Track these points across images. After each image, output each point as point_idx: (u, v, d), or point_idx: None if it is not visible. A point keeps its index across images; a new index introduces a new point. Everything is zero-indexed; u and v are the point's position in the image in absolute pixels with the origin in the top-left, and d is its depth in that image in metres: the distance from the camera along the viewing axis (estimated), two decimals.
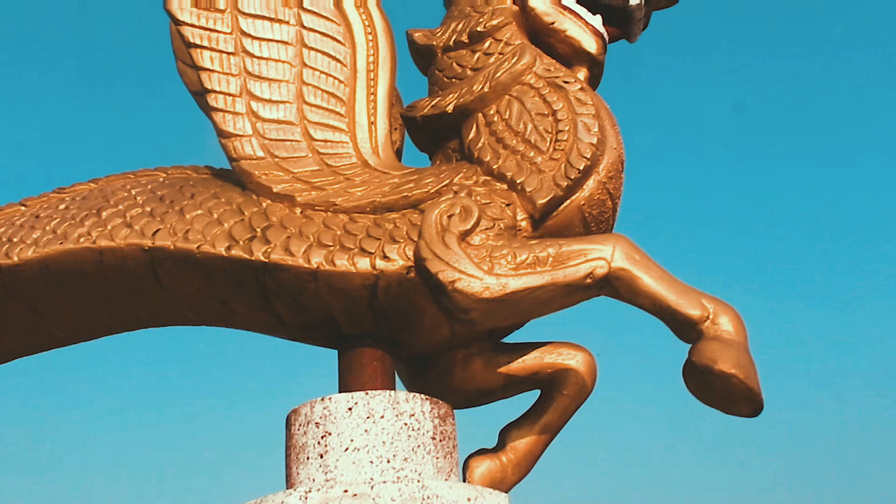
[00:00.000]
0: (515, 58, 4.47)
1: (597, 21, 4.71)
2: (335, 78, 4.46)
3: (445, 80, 4.59)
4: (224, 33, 4.39)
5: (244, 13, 4.43)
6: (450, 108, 4.47)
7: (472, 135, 4.40)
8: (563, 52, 4.65)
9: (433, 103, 4.53)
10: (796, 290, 13.78)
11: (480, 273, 3.93)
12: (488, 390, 4.53)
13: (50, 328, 4.43)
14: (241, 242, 4.05)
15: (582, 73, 4.65)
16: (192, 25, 4.36)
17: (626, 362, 11.56)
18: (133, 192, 4.32)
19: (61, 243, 4.13)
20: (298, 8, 4.50)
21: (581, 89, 4.42)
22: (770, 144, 14.52)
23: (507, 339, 4.61)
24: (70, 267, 4.15)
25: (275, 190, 4.19)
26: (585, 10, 4.71)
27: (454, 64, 4.59)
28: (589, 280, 3.98)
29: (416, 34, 4.72)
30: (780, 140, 14.43)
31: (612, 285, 4.01)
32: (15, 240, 4.22)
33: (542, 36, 4.65)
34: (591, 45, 4.66)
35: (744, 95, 14.29)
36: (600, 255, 4.00)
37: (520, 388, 4.56)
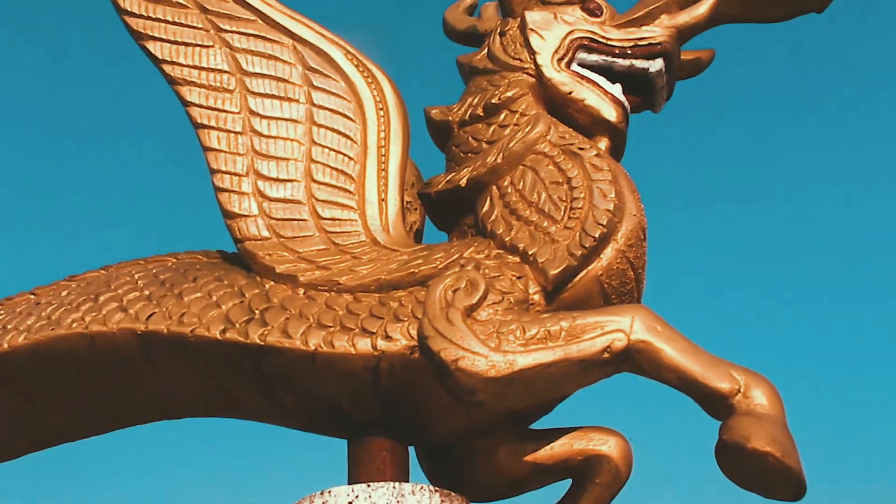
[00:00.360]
0: (529, 127, 4.28)
1: (616, 89, 4.51)
2: (345, 155, 4.31)
3: (461, 154, 4.41)
4: (232, 113, 4.29)
5: (253, 93, 4.33)
6: (463, 182, 4.28)
7: (485, 208, 4.18)
8: (582, 122, 4.45)
9: (447, 178, 4.35)
10: None
11: (486, 350, 3.65)
12: (516, 481, 4.21)
13: (50, 420, 4.25)
14: (238, 325, 3.85)
15: (603, 143, 4.43)
16: (200, 106, 4.28)
17: (663, 445, 10.82)
18: (136, 276, 4.18)
19: (53, 329, 3.99)
20: (308, 86, 4.38)
21: (597, 155, 4.19)
22: None
23: (535, 425, 4.31)
24: (61, 354, 3.99)
25: (278, 270, 4.01)
26: (604, 79, 4.52)
27: (470, 138, 4.41)
28: (607, 354, 3.67)
29: (433, 111, 4.56)
30: None
31: (633, 359, 3.69)
32: (9, 327, 4.09)
33: (560, 107, 4.46)
34: (610, 113, 4.45)
35: None
36: (618, 328, 3.70)
37: (549, 477, 4.23)
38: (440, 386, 3.73)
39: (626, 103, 4.54)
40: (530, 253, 3.97)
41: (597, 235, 3.95)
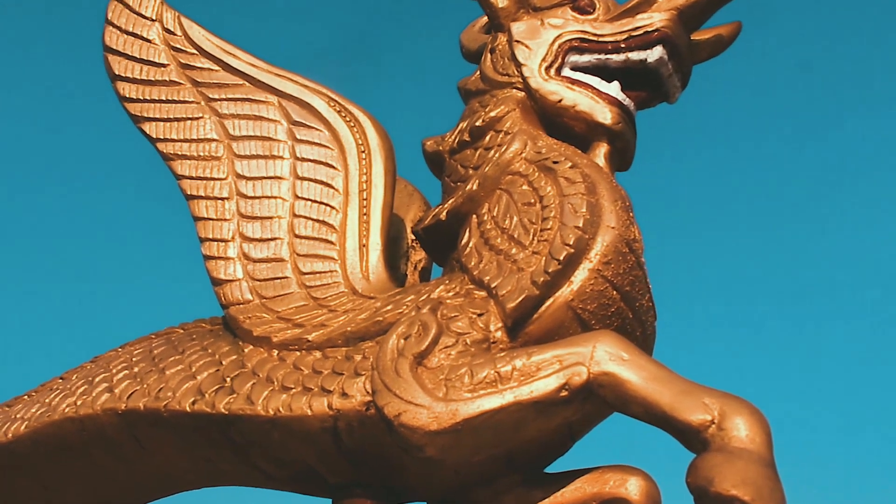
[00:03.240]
0: (504, 147, 3.96)
1: (613, 88, 4.09)
2: (327, 205, 4.18)
3: (452, 185, 4.13)
4: (220, 179, 4.28)
5: (240, 156, 4.31)
6: (443, 216, 4.02)
7: (464, 240, 3.89)
8: (579, 129, 4.07)
9: (433, 213, 4.09)
10: None
11: (429, 401, 3.34)
12: None
13: (66, 502, 4.35)
14: (207, 396, 3.78)
15: (602, 149, 4.03)
16: (190, 178, 4.31)
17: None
18: (135, 353, 4.22)
19: (49, 416, 4.08)
20: (293, 140, 4.30)
21: (572, 167, 3.78)
22: None
23: (553, 467, 3.93)
24: (56, 440, 4.08)
25: (254, 333, 3.92)
26: (599, 80, 4.10)
27: (459, 166, 4.12)
28: (565, 392, 3.28)
29: (427, 142, 4.32)
30: None
31: (597, 394, 3.29)
32: (18, 416, 4.25)
33: (553, 117, 4.10)
34: (605, 116, 4.03)
35: None
36: (578, 360, 3.30)
37: None
38: None
39: (627, 101, 4.11)
40: (493, 286, 3.64)
41: (561, 258, 3.56)
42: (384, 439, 3.49)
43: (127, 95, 4.47)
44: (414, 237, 4.41)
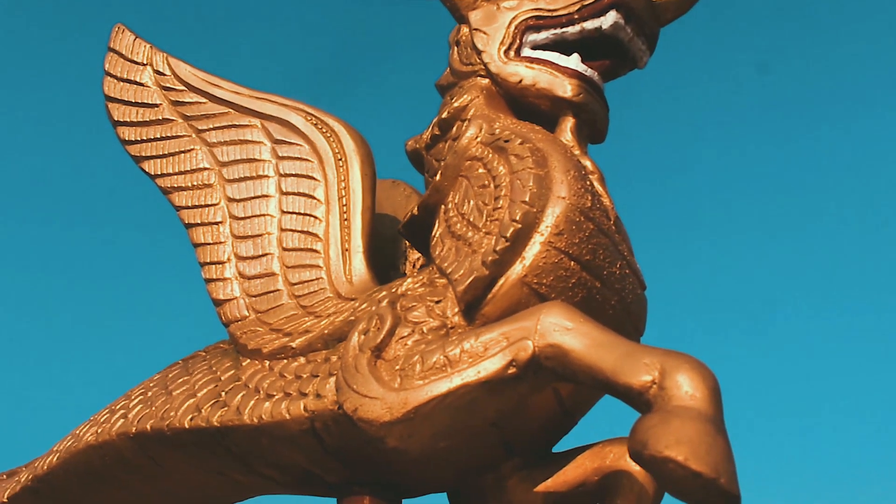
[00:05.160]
0: (461, 134, 3.98)
1: (573, 61, 4.05)
2: (310, 216, 4.28)
3: (429, 180, 4.18)
4: (213, 205, 4.44)
5: (229, 180, 4.46)
6: (415, 211, 4.07)
7: (433, 230, 3.93)
8: (545, 107, 4.05)
9: (409, 210, 4.15)
10: None
11: (383, 392, 3.38)
12: None
13: None
14: (203, 411, 3.92)
15: (568, 123, 4.00)
16: (188, 207, 4.48)
17: None
18: (154, 379, 4.40)
19: (75, 446, 4.30)
20: (276, 159, 4.43)
21: (521, 143, 3.76)
22: None
23: (560, 447, 3.92)
24: (84, 467, 4.28)
25: (249, 347, 4.05)
26: (558, 55, 4.08)
27: (433, 161, 4.15)
28: (513, 369, 3.27)
29: (409, 142, 4.35)
30: None
31: (546, 367, 3.26)
32: (55, 449, 4.48)
33: (518, 99, 4.09)
34: (564, 89, 4.00)
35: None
36: (522, 335, 3.28)
37: None
38: None
39: (590, 71, 4.07)
40: (449, 272, 3.67)
41: (509, 235, 3.54)
42: (359, 435, 3.55)
43: (127, 139, 4.69)
44: None
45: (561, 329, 3.22)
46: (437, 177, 3.98)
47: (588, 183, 3.76)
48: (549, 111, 4.05)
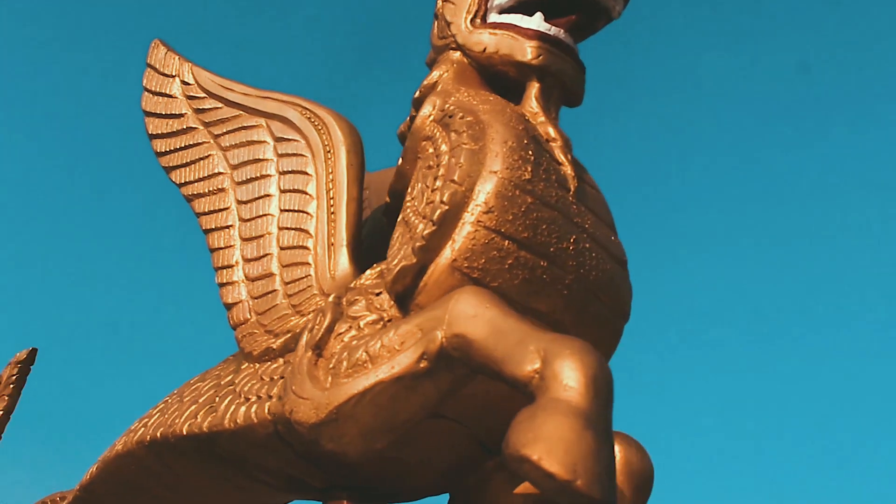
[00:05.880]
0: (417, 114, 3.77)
1: (535, 21, 3.79)
2: (303, 212, 4.20)
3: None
4: (225, 209, 4.45)
5: (239, 183, 4.46)
6: (388, 198, 3.90)
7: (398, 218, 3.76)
8: (512, 74, 3.83)
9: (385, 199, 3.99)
10: None
11: (313, 392, 3.29)
12: None
13: None
14: (199, 417, 3.93)
15: (532, 90, 3.74)
16: (205, 213, 4.51)
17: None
18: (177, 390, 4.46)
19: (109, 455, 4.42)
20: (277, 157, 4.39)
21: (462, 117, 3.53)
22: None
23: None
24: (116, 476, 4.39)
25: (245, 350, 4.04)
26: (520, 16, 3.82)
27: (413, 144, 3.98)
28: (424, 363, 3.10)
29: (400, 128, 4.19)
30: None
31: (455, 358, 3.06)
32: (98, 458, 4.62)
33: (488, 69, 3.88)
34: (524, 53, 3.74)
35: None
36: (433, 326, 3.10)
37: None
38: None
39: (554, 29, 3.78)
40: (389, 262, 3.50)
41: (435, 218, 3.34)
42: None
43: (159, 150, 4.80)
44: None
45: (466, 318, 3.01)
46: (400, 160, 3.81)
47: (532, 153, 3.47)
48: (516, 78, 3.81)
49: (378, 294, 3.49)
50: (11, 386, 6.38)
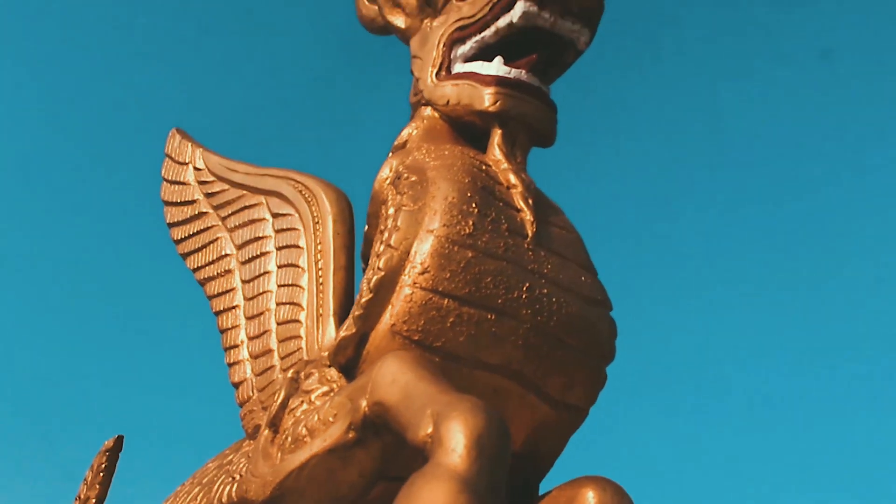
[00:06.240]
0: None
1: (494, 66, 3.70)
2: (296, 286, 4.18)
3: None
4: (232, 290, 4.49)
5: (243, 262, 4.49)
6: (363, 264, 3.85)
7: None
8: (478, 123, 3.77)
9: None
10: None
11: (263, 469, 3.27)
12: None
13: None
14: (198, 499, 3.92)
15: (495, 137, 3.66)
16: (216, 296, 4.55)
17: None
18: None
19: None
20: (275, 233, 4.40)
21: (407, 177, 3.49)
22: None
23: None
24: None
25: (245, 428, 4.03)
26: (481, 63, 3.74)
27: None
28: (352, 434, 3.04)
29: None
30: None
31: (380, 426, 3.00)
32: None
33: (457, 122, 3.82)
34: (482, 101, 3.68)
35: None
36: (360, 395, 3.05)
37: None
38: None
39: (514, 72, 3.69)
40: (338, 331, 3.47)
41: (372, 285, 3.28)
42: None
43: (176, 238, 4.89)
44: None
45: (385, 384, 2.94)
46: (366, 227, 3.77)
47: (477, 205, 3.37)
48: (482, 126, 3.72)
49: (329, 366, 3.45)
50: (101, 474, 6.57)
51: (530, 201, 3.49)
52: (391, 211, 3.46)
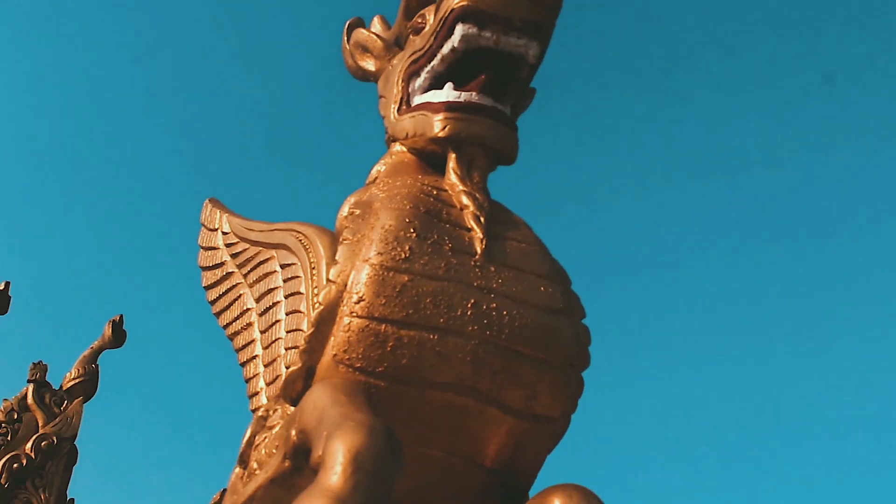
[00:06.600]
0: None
1: (443, 93, 3.80)
2: (298, 330, 4.27)
3: None
4: (253, 342, 4.67)
5: (260, 315, 4.66)
6: None
7: None
8: (438, 151, 3.84)
9: None
10: None
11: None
12: None
13: None
14: None
15: (450, 163, 3.75)
16: (241, 349, 4.74)
17: None
18: None
19: None
20: (282, 282, 4.55)
21: (350, 213, 3.63)
22: None
23: None
24: None
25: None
26: (433, 92, 3.85)
27: None
28: (287, 463, 3.14)
29: None
30: None
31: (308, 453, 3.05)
32: None
33: (421, 154, 3.91)
34: (432, 128, 3.77)
35: None
36: (292, 425, 3.16)
37: None
38: None
39: (464, 96, 3.77)
40: None
41: (314, 319, 3.40)
42: None
43: (210, 300, 5.13)
44: None
45: (308, 412, 3.05)
46: None
47: (415, 229, 3.45)
48: (441, 153, 3.82)
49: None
50: None
51: (482, 220, 3.56)
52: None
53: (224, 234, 5.16)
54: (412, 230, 3.44)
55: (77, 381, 7.99)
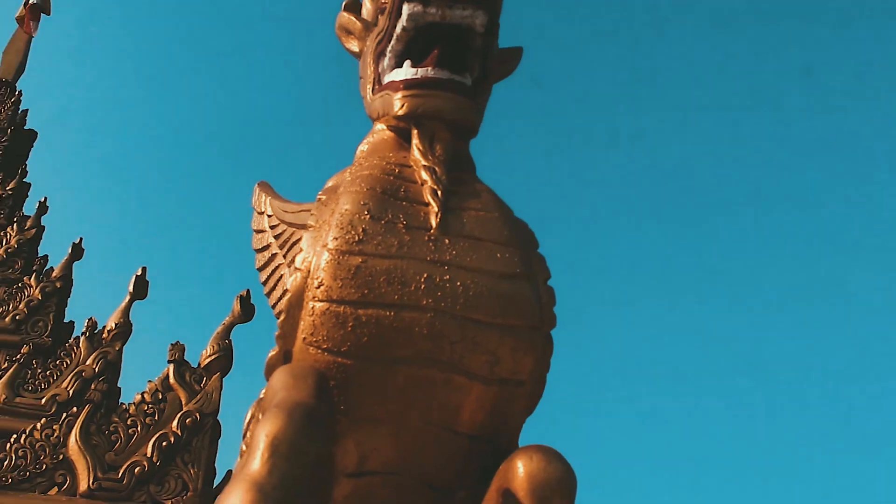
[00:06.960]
0: None
1: (403, 71, 3.86)
2: None
3: None
4: None
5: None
6: None
7: None
8: (406, 128, 3.90)
9: None
10: None
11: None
12: None
13: None
14: None
15: (414, 140, 3.80)
16: (279, 313, 4.89)
17: None
18: None
19: None
20: None
21: (318, 200, 3.67)
22: None
23: None
24: None
25: None
26: (395, 70, 3.91)
27: None
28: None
29: None
30: None
31: None
32: None
33: (398, 130, 3.97)
34: (392, 107, 3.84)
35: None
36: (261, 407, 3.31)
37: None
38: None
39: (420, 72, 3.81)
40: None
41: (283, 306, 3.54)
42: None
43: (262, 281, 5.28)
44: None
45: (269, 396, 3.22)
46: None
47: (370, 211, 3.55)
48: (409, 130, 3.85)
49: None
50: None
51: (439, 193, 3.59)
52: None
53: (269, 216, 5.32)
54: (366, 212, 3.54)
55: (213, 357, 8.37)
